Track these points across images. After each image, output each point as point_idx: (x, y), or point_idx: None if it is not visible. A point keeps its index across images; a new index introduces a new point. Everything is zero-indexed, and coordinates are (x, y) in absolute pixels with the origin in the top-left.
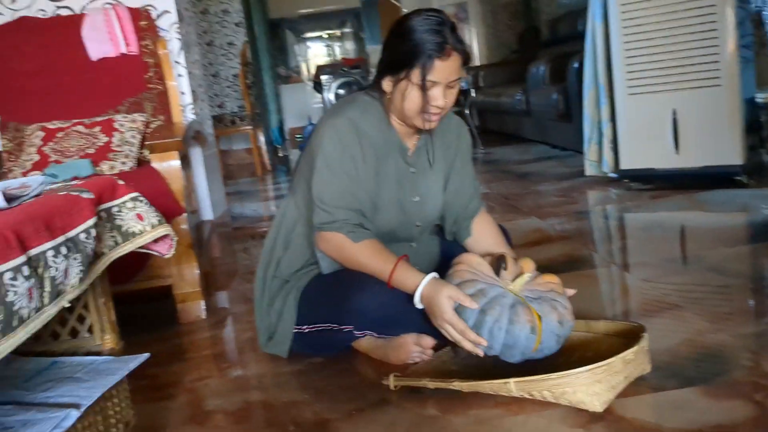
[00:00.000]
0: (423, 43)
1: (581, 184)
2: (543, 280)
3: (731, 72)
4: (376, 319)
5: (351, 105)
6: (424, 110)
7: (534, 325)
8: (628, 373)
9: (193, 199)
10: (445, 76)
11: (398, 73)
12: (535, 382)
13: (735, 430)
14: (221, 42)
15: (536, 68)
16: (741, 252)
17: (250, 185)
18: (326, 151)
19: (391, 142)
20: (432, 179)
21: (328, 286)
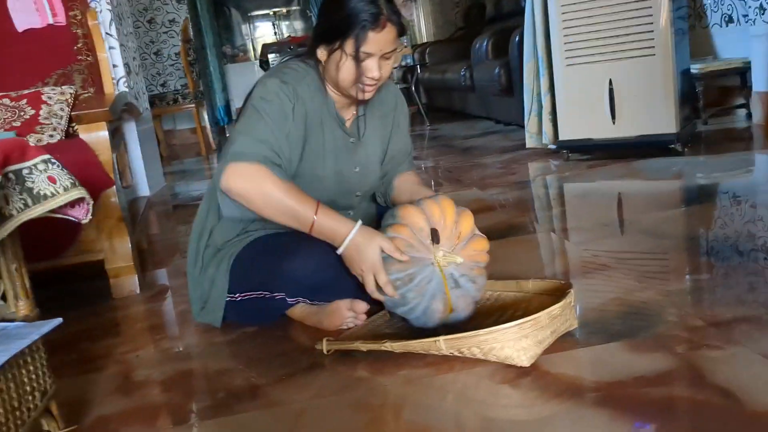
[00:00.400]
0: (357, 13)
1: (522, 156)
2: (473, 248)
3: (665, 42)
4: (308, 285)
5: (287, 69)
6: (358, 81)
7: (445, 319)
8: (554, 328)
9: (127, 175)
10: (380, 48)
11: (332, 42)
12: (464, 339)
13: (655, 380)
14: (163, 19)
15: (479, 44)
16: (673, 215)
17: (194, 165)
18: (256, 100)
19: (327, 113)
20: (371, 149)
21: (260, 253)
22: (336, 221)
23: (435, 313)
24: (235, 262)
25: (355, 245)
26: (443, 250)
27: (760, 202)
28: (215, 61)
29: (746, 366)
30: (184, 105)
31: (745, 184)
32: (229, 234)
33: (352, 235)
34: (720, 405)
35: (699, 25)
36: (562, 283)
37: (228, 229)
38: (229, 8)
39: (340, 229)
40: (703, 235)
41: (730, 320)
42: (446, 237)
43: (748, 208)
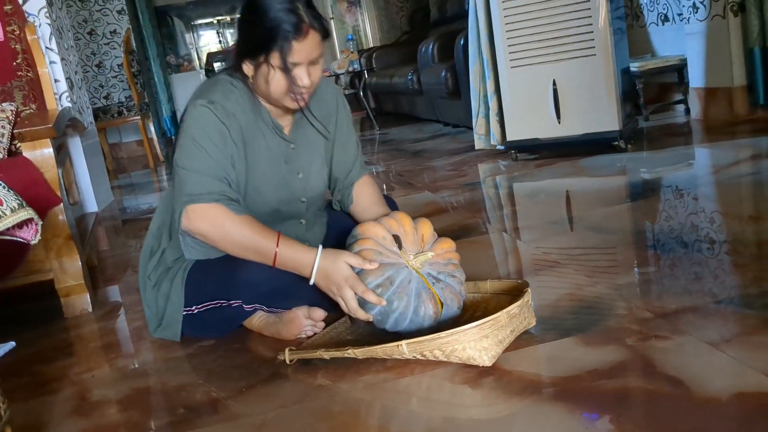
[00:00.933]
0: (278, 24)
1: (471, 158)
2: (440, 248)
3: (605, 42)
4: (264, 291)
5: (214, 88)
6: (291, 91)
7: (437, 315)
8: (513, 327)
9: (74, 191)
10: (306, 56)
11: (256, 57)
12: (426, 342)
13: (609, 372)
14: (104, 31)
15: (425, 47)
16: (618, 210)
17: (142, 177)
18: (190, 129)
19: (263, 122)
20: (314, 153)
21: (215, 263)
22: (297, 251)
23: (428, 311)
24: (190, 275)
25: (323, 271)
26: (411, 253)
27: (702, 195)
28: (160, 72)
29: (694, 354)
30: (129, 117)
31: (686, 177)
32: (179, 252)
33: (317, 263)
34: (671, 393)
35: (636, 24)
36: (519, 282)
37: (179, 248)
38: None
39: (302, 259)
40: (648, 228)
41: (676, 310)
42: (410, 242)
43: (690, 200)
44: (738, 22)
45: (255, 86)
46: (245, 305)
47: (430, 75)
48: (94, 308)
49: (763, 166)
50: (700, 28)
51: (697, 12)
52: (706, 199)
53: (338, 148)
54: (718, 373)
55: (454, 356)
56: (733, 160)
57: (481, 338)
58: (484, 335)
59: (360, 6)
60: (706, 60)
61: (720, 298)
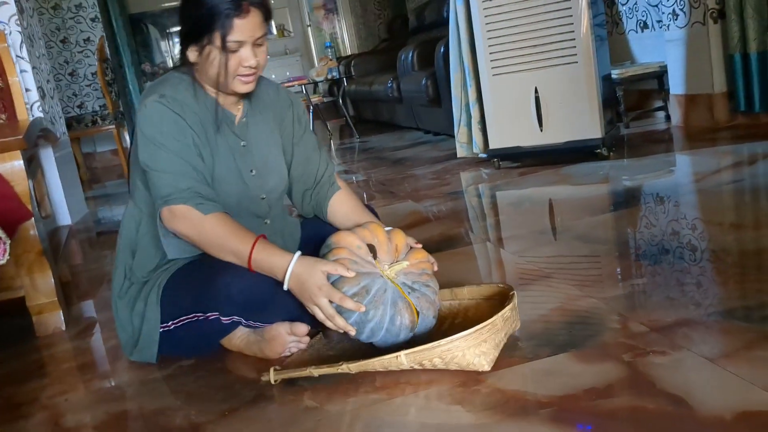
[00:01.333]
0: (217, 3)
1: (454, 166)
2: (414, 258)
3: (586, 49)
4: (241, 302)
5: (161, 84)
6: (237, 73)
7: (414, 324)
8: (506, 330)
9: (47, 204)
10: (249, 34)
11: (200, 40)
12: (426, 351)
13: (607, 391)
14: (77, 39)
15: (405, 55)
16: (604, 219)
17: (117, 187)
18: (145, 129)
19: (213, 113)
20: (269, 152)
21: (190, 274)
22: (272, 255)
23: (404, 320)
24: (165, 291)
25: (297, 276)
26: (386, 263)
27: (687, 203)
28: (135, 80)
29: (693, 371)
30: (104, 127)
31: (671, 185)
32: (149, 265)
33: (291, 267)
34: (673, 413)
35: (616, 32)
36: (499, 286)
37: (146, 261)
38: (146, 25)
39: (277, 263)
40: (636, 238)
41: (671, 324)
42: (384, 252)
43: (676, 209)
44: (718, 28)
45: (202, 73)
46: (222, 317)
47: (410, 83)
48: (68, 326)
49: (746, 174)
50: (680, 35)
51: (677, 19)
52: (692, 208)
53: (298, 149)
54: (720, 390)
55: (453, 363)
56: (716, 168)
57: (480, 343)
58: (482, 340)
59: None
60: (686, 67)
61: (714, 311)
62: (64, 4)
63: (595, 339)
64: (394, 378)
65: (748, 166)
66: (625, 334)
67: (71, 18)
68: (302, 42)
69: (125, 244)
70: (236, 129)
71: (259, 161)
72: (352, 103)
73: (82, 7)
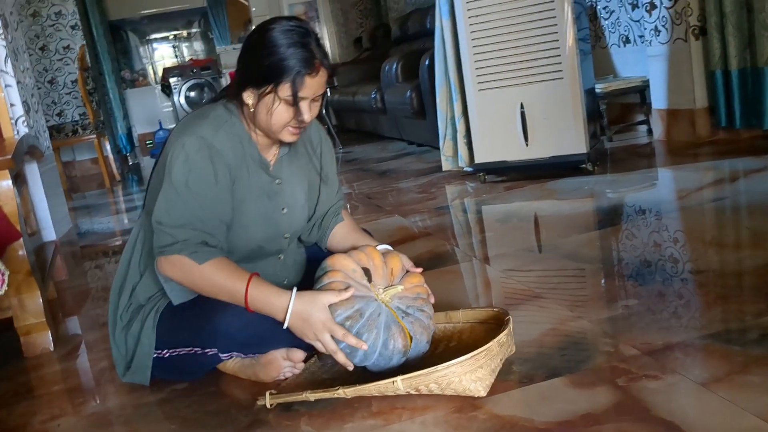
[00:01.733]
0: (291, 57)
1: (439, 179)
2: (409, 283)
3: (572, 65)
4: (241, 339)
5: (204, 120)
6: (290, 125)
7: (407, 348)
8: (502, 356)
9: (32, 220)
10: (314, 92)
11: (263, 86)
12: (422, 377)
13: (602, 417)
14: (56, 46)
15: (389, 66)
16: (592, 237)
17: (98, 198)
18: (174, 171)
19: (250, 157)
20: (297, 188)
21: (189, 307)
22: (268, 294)
23: (397, 344)
24: (162, 318)
25: (299, 314)
26: (381, 287)
27: (674, 221)
28: (115, 88)
29: (686, 395)
30: (84, 136)
31: (656, 202)
32: (152, 289)
33: (291, 306)
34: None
35: (599, 45)
36: (494, 310)
37: (151, 284)
38: (126, 32)
39: (275, 302)
40: (623, 257)
41: (662, 347)
42: (380, 276)
43: (660, 228)
44: (699, 45)
45: (252, 115)
46: (221, 354)
47: (394, 94)
48: (56, 346)
49: (730, 191)
50: (663, 51)
51: (659, 35)
52: (678, 227)
53: (324, 182)
54: (713, 416)
55: (450, 389)
56: (699, 185)
57: (476, 368)
58: (479, 366)
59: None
60: (668, 82)
61: (705, 333)
62: (44, 11)
63: (588, 362)
64: (390, 403)
65: (730, 183)
66: (617, 357)
67: (51, 26)
68: None
69: (135, 262)
70: (270, 171)
71: (291, 199)
72: (334, 113)
73: (62, 15)
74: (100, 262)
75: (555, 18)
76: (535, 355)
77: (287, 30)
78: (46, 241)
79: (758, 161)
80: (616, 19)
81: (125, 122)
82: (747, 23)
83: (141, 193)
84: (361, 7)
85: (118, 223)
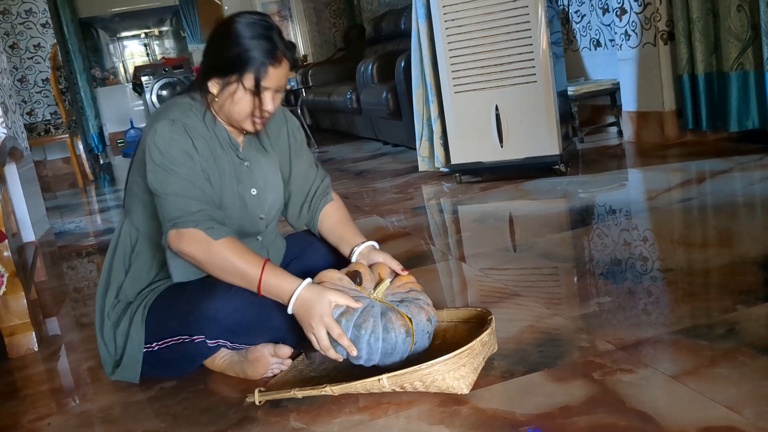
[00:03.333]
0: (255, 48)
1: (416, 180)
2: (400, 281)
3: (545, 68)
4: (228, 325)
5: (171, 107)
6: (253, 114)
7: (407, 328)
8: (484, 354)
9: (12, 221)
10: (277, 82)
11: (228, 76)
12: (407, 375)
13: (580, 408)
14: (27, 44)
15: (364, 67)
16: (567, 237)
17: (71, 198)
18: (155, 153)
19: (221, 138)
20: (267, 170)
21: (176, 297)
22: (281, 279)
23: (396, 326)
24: (150, 311)
25: (304, 301)
26: (370, 290)
27: (641, 221)
28: (86, 86)
29: (658, 388)
30: (57, 135)
31: (625, 202)
32: (140, 285)
33: (298, 292)
34: (643, 429)
35: (570, 48)
36: (477, 309)
37: (138, 280)
38: (96, 29)
39: (286, 286)
40: (596, 256)
41: (635, 343)
42: (368, 280)
43: (631, 227)
44: (668, 50)
45: (217, 105)
46: (208, 340)
47: (370, 95)
48: (40, 347)
49: (697, 192)
50: (632, 55)
51: (629, 39)
52: (648, 226)
53: (296, 164)
54: (684, 407)
55: (434, 386)
56: (669, 185)
57: (459, 367)
58: (462, 364)
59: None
60: (637, 85)
61: (674, 329)
62: (14, 9)
63: (566, 357)
64: (376, 399)
65: (697, 184)
66: (592, 352)
67: (21, 23)
68: None
69: (119, 261)
70: (240, 153)
71: (260, 180)
72: (309, 112)
73: (33, 13)
74: (74, 263)
75: (529, 22)
76: (514, 351)
77: (251, 23)
78: (26, 242)
79: (724, 163)
80: (588, 23)
81: (97, 121)
82: (713, 29)
83: (114, 193)
84: (335, 7)
85: (92, 224)
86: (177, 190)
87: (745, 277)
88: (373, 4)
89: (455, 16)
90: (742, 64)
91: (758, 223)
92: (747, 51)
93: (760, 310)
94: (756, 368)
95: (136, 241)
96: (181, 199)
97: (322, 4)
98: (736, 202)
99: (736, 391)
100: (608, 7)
